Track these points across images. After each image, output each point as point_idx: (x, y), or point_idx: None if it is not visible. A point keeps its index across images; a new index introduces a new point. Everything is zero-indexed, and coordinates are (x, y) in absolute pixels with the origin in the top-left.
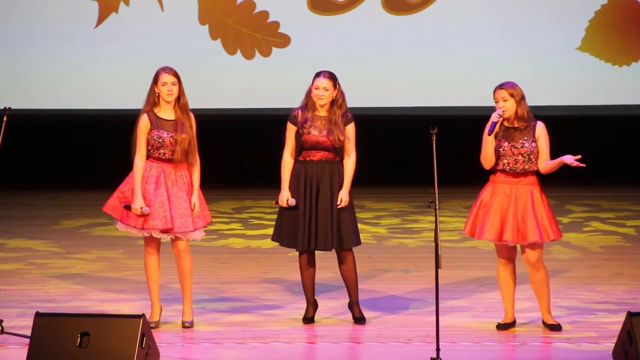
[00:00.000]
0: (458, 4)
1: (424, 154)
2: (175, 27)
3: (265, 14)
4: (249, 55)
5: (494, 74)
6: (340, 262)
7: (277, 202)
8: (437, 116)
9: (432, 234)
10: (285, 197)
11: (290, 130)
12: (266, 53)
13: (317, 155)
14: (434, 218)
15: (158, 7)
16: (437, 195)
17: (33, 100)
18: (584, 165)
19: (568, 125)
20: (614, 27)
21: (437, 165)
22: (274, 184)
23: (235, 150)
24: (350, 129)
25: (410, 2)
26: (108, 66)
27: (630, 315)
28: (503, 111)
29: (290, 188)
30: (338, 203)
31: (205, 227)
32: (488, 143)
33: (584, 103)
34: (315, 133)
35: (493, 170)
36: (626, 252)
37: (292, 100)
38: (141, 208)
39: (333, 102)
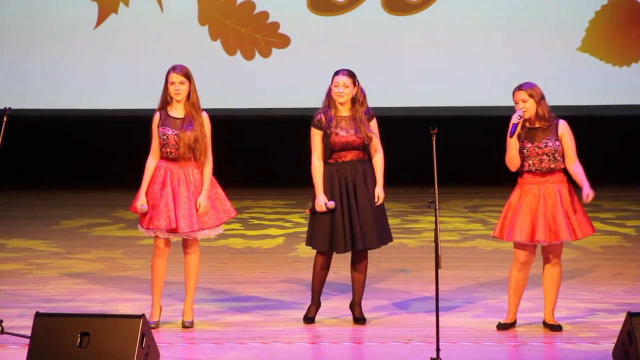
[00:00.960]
0: (458, 5)
1: (424, 154)
2: (175, 28)
3: (265, 14)
4: (248, 56)
5: (494, 74)
6: (355, 261)
7: (311, 210)
8: (437, 116)
9: (432, 234)
10: (323, 201)
11: (316, 135)
12: (266, 54)
13: (348, 156)
14: (434, 218)
15: (158, 8)
16: (437, 195)
17: (33, 100)
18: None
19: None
20: (614, 27)
21: (437, 165)
22: (274, 184)
23: (235, 151)
24: (374, 125)
25: (410, 3)
26: (108, 67)
27: (630, 315)
28: (523, 112)
29: (325, 191)
30: (376, 200)
31: (219, 225)
32: (511, 145)
33: (584, 103)
34: (343, 134)
35: (520, 173)
36: (626, 252)
37: (291, 100)
38: (140, 206)
39: (354, 100)
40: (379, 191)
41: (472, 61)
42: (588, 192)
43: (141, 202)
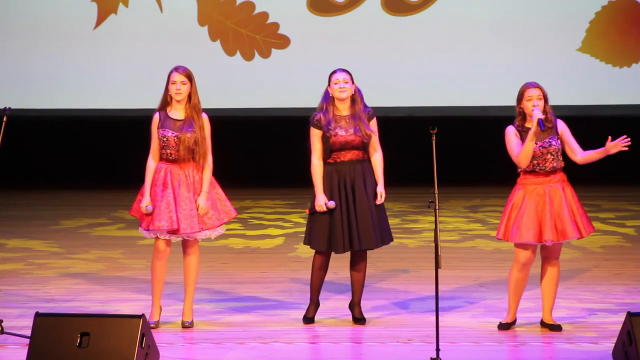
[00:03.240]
0: (458, 5)
1: (424, 154)
2: (174, 28)
3: (264, 15)
4: (248, 57)
5: (494, 75)
6: (354, 261)
7: (310, 210)
8: (437, 116)
9: (432, 234)
10: (323, 200)
11: (316, 135)
12: (265, 54)
13: (347, 156)
14: (434, 218)
15: (157, 8)
16: (437, 195)
17: (33, 100)
18: (629, 140)
19: (568, 125)
20: (614, 28)
21: (437, 165)
22: (274, 184)
23: (235, 151)
24: (374, 124)
25: (410, 3)
26: (107, 67)
27: (630, 315)
28: (540, 109)
29: (324, 191)
30: (378, 199)
31: (220, 225)
32: (532, 140)
33: (584, 103)
34: (342, 133)
35: (518, 173)
36: (626, 252)
37: (291, 100)
38: (145, 207)
39: (353, 99)
40: (381, 190)
41: (472, 61)
42: (613, 144)
43: (146, 202)
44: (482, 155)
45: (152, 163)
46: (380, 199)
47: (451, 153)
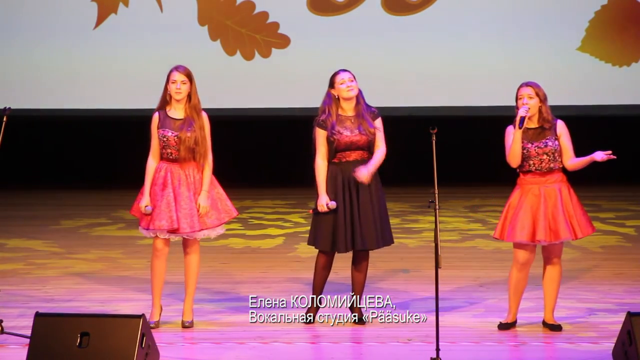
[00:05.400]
0: (457, 5)
1: (424, 153)
2: (174, 28)
3: (264, 14)
4: (248, 56)
5: (493, 74)
6: (356, 261)
7: (314, 210)
8: (437, 116)
9: (432, 234)
10: (325, 201)
11: (321, 135)
12: (266, 54)
13: (352, 156)
14: (434, 218)
15: (157, 8)
16: (437, 195)
17: (33, 100)
18: (615, 157)
19: (568, 125)
20: (614, 27)
21: (437, 165)
22: (274, 184)
23: (235, 151)
24: (379, 122)
25: (410, 3)
26: (107, 67)
27: (630, 315)
28: (528, 108)
29: (328, 191)
30: (363, 173)
31: (220, 225)
32: (517, 140)
33: (584, 103)
34: (348, 133)
35: (518, 173)
36: (626, 252)
37: (291, 100)
38: (145, 207)
39: (356, 98)
40: (365, 169)
41: (472, 61)
42: (602, 154)
43: (146, 202)
44: (482, 155)
45: (152, 163)
46: (363, 173)
47: (451, 153)
